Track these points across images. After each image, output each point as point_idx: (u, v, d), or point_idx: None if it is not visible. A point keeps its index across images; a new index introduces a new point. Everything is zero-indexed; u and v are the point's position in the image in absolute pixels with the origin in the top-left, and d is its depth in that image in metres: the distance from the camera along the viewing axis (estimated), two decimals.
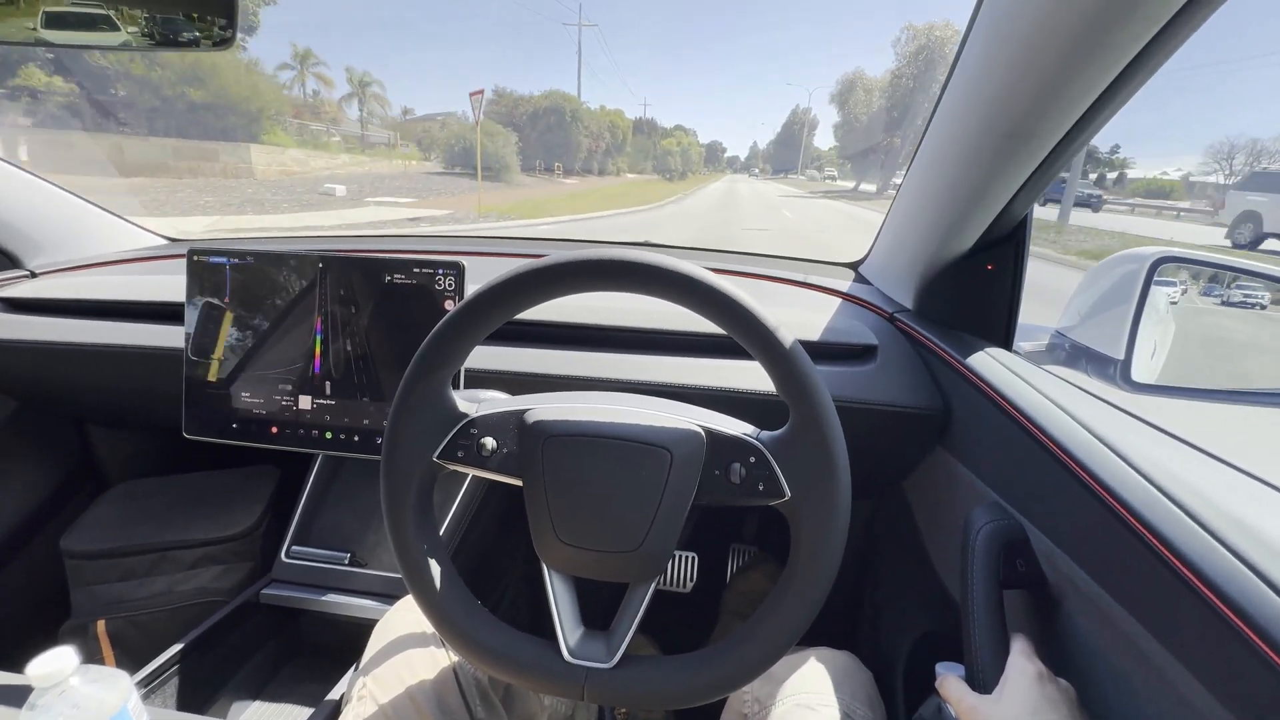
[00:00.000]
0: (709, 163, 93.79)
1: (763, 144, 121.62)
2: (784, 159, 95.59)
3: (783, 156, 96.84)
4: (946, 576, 0.76)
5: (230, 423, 0.87)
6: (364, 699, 0.60)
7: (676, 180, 48.51)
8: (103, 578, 0.96)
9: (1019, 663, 0.47)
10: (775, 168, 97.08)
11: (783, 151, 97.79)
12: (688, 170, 60.53)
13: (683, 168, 58.48)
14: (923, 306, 0.88)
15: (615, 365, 0.84)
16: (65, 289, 1.06)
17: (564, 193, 24.25)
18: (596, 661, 0.49)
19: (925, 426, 0.78)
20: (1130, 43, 0.45)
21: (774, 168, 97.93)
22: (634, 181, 40.72)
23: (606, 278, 0.47)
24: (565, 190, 25.92)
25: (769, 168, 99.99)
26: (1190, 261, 1.18)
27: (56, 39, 0.72)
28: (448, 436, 0.52)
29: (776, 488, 0.48)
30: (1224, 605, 0.36)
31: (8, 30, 0.72)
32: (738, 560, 1.26)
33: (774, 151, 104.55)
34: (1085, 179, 25.33)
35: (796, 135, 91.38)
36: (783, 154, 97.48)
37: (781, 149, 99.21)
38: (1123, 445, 0.50)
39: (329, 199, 15.08)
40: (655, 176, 51.51)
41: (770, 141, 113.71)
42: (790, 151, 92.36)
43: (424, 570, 0.52)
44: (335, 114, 32.59)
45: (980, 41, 0.59)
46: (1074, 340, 1.08)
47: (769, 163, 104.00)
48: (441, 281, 0.80)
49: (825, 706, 0.60)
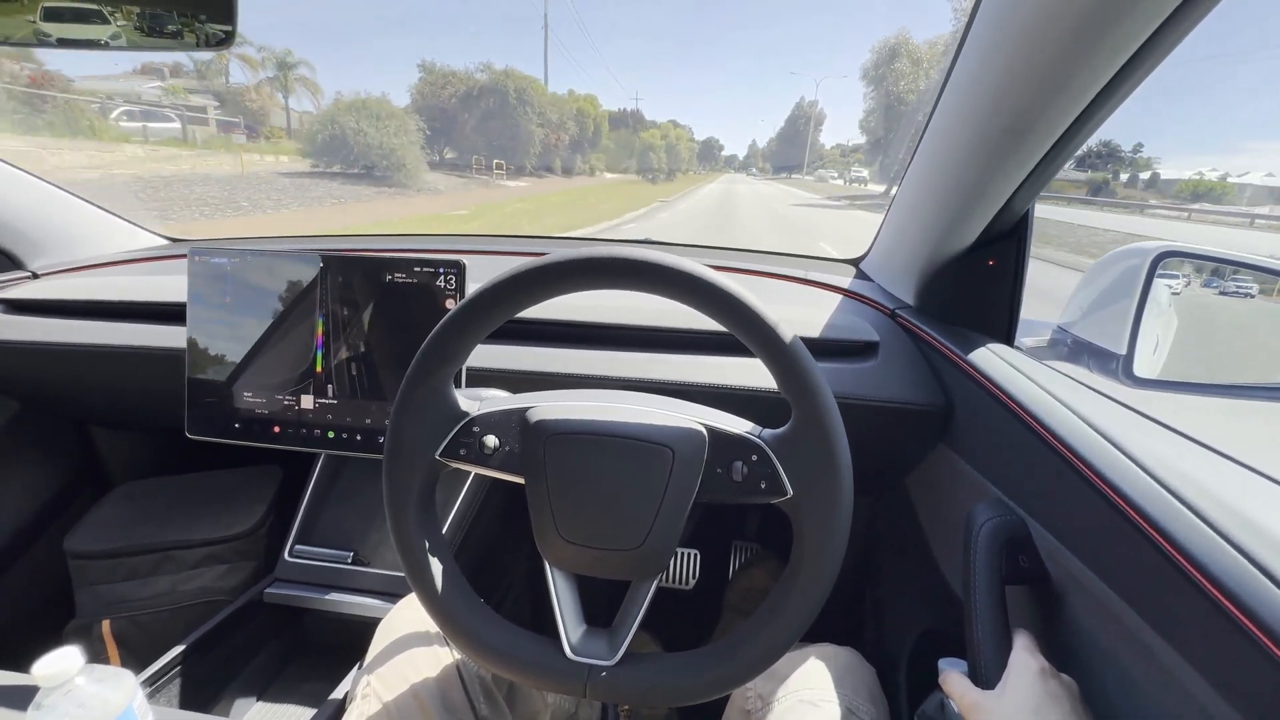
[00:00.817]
0: (704, 160, 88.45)
1: (762, 142, 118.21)
2: (786, 156, 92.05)
3: (785, 154, 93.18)
4: (949, 572, 0.76)
5: (233, 422, 0.87)
6: (368, 697, 0.60)
7: (662, 182, 40.90)
8: (106, 578, 0.97)
9: (1021, 658, 0.47)
10: (776, 166, 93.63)
11: (786, 149, 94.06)
12: (676, 169, 53.36)
13: (670, 166, 51.25)
14: (924, 303, 0.88)
15: (617, 363, 0.84)
16: (67, 290, 1.07)
17: (473, 204, 17.80)
18: (599, 659, 0.49)
19: (927, 423, 0.78)
20: (1131, 37, 0.45)
21: (774, 166, 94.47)
22: (608, 184, 32.50)
23: (608, 276, 0.47)
24: (481, 201, 18.74)
25: (769, 166, 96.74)
26: (1193, 256, 1.18)
27: (55, 32, 0.72)
28: (450, 435, 0.52)
29: (779, 486, 0.48)
30: (1227, 600, 0.36)
31: (7, 27, 0.71)
32: (740, 557, 1.27)
33: (776, 149, 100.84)
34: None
35: (802, 131, 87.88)
36: (786, 151, 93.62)
37: (785, 146, 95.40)
38: (1125, 440, 0.50)
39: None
40: (637, 176, 43.66)
41: (772, 139, 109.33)
42: (794, 149, 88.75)
43: (426, 568, 0.52)
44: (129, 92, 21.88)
45: (981, 36, 0.59)
46: (1076, 335, 1.08)
47: (769, 161, 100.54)
48: (443, 280, 0.80)
49: (828, 702, 0.60)
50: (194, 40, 0.73)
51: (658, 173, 47.46)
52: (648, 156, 49.04)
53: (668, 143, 53.66)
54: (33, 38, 0.72)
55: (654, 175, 46.32)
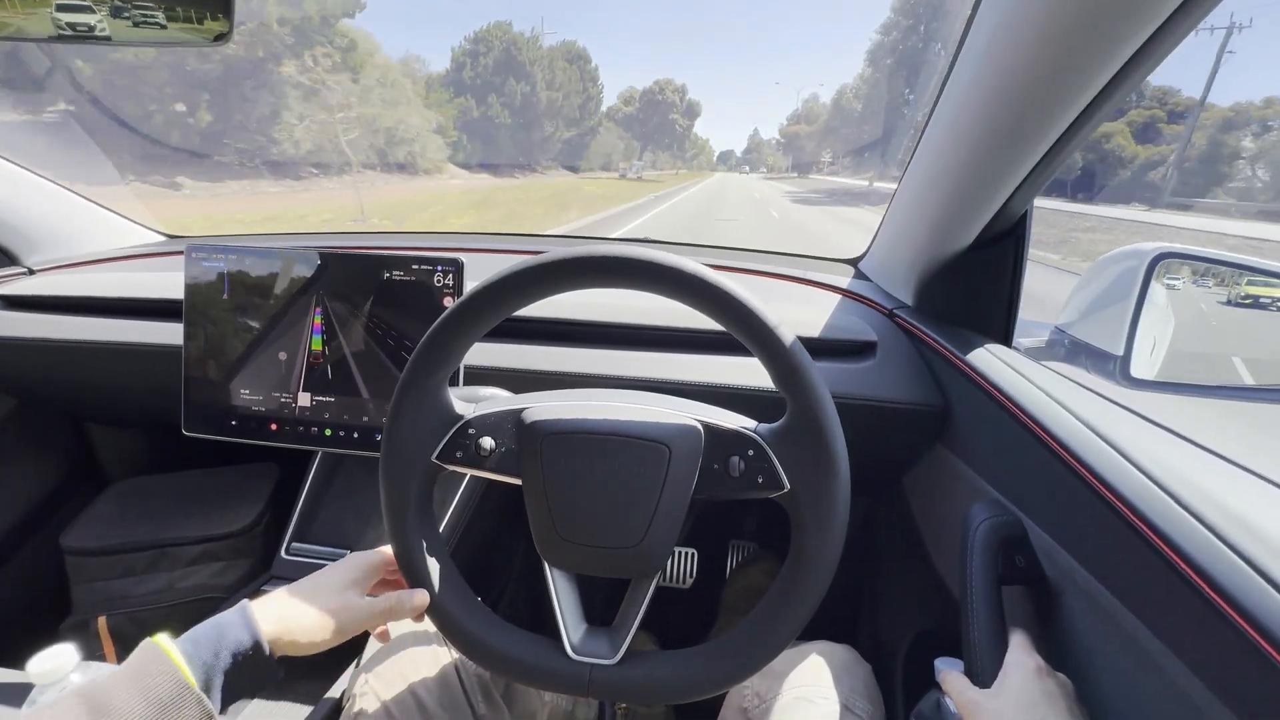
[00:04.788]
0: (676, 152, 69.89)
1: (767, 133, 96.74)
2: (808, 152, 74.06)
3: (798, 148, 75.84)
4: (945, 572, 0.76)
5: (229, 420, 0.87)
6: (365, 696, 0.60)
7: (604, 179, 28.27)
8: (103, 574, 0.96)
9: (1018, 657, 0.47)
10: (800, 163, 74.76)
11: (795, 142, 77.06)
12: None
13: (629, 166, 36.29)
14: (922, 303, 0.88)
15: (613, 362, 0.84)
16: (64, 286, 1.06)
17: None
18: (600, 658, 0.49)
19: (924, 423, 0.78)
20: (1130, 37, 0.45)
21: (796, 163, 75.48)
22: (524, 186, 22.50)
23: (605, 274, 0.47)
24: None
25: (786, 161, 77.27)
26: (1190, 258, 1.18)
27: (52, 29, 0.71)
28: (446, 437, 0.52)
29: (775, 480, 0.48)
30: (1222, 601, 0.36)
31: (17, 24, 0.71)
32: (737, 556, 1.27)
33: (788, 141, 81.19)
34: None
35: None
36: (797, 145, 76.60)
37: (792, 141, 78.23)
38: (1122, 441, 0.50)
39: None
40: (566, 172, 32.08)
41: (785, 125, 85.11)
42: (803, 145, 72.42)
43: (424, 569, 0.52)
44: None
45: (980, 36, 0.59)
46: (1074, 336, 1.08)
47: (790, 154, 78.69)
48: (440, 278, 0.80)
49: (825, 700, 0.60)
50: (193, 34, 0.73)
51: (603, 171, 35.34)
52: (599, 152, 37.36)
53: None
54: (52, 30, 0.71)
55: (624, 172, 36.04)
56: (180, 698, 0.42)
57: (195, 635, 0.46)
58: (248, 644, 0.46)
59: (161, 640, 0.45)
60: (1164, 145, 33.08)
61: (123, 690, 0.41)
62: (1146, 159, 31.93)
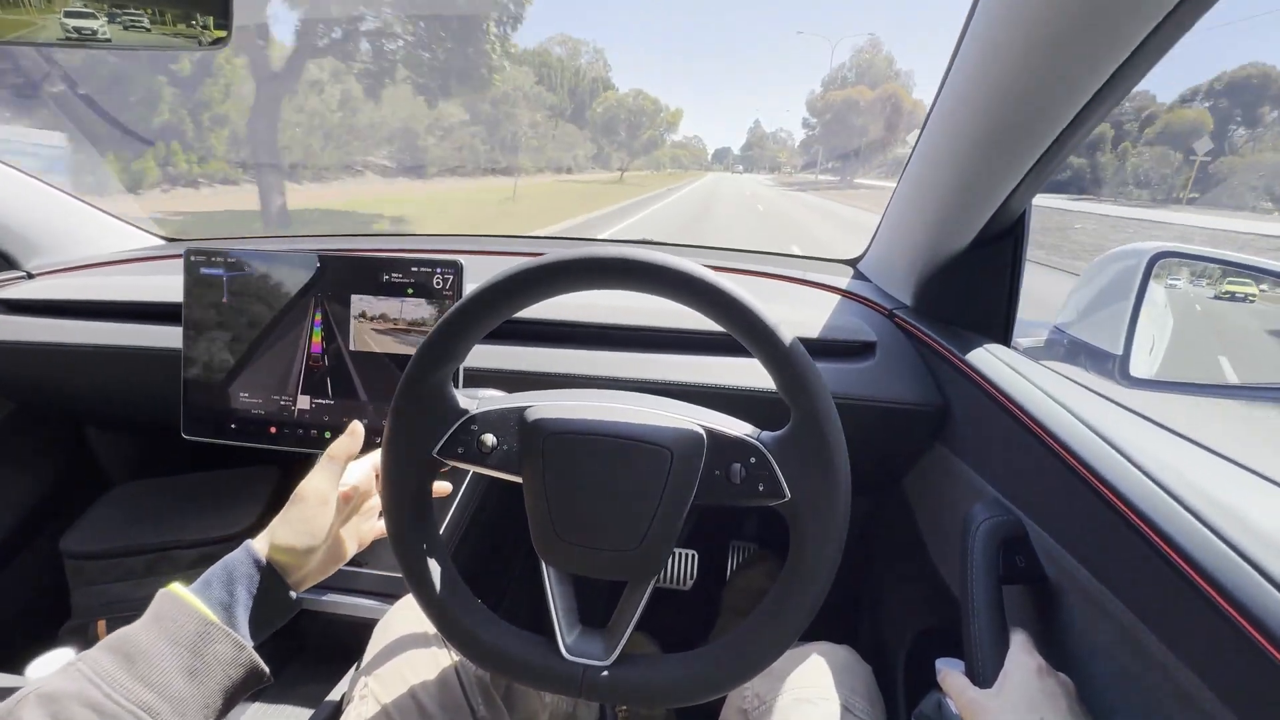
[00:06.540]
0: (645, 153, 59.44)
1: (770, 126, 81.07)
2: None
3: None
4: (946, 572, 0.76)
5: (229, 423, 0.87)
6: (365, 698, 0.60)
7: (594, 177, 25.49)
8: (102, 578, 0.96)
9: (1018, 657, 0.47)
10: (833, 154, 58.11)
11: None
12: (625, 166, 34.75)
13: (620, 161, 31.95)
14: (922, 303, 0.88)
15: (614, 363, 0.84)
16: (62, 290, 1.06)
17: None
18: (594, 659, 0.49)
19: (924, 423, 0.78)
20: (1129, 36, 0.45)
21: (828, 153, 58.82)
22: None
23: (605, 275, 0.47)
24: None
25: (801, 159, 61.61)
26: (1188, 257, 1.18)
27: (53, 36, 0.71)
28: (448, 432, 0.52)
29: (777, 488, 0.48)
30: (1222, 600, 0.36)
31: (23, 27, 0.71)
32: (738, 557, 1.27)
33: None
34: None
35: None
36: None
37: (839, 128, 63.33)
38: (1121, 440, 0.50)
39: None
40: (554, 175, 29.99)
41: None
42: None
43: (423, 569, 0.52)
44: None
45: (979, 36, 0.59)
46: (1073, 336, 1.08)
47: (825, 151, 63.17)
48: (440, 280, 0.80)
49: (825, 701, 0.60)
50: (193, 39, 0.73)
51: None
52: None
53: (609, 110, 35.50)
54: (62, 35, 0.71)
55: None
56: (206, 634, 0.43)
57: (207, 577, 0.48)
58: (258, 575, 0.50)
59: (175, 587, 0.46)
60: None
61: (149, 635, 0.42)
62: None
